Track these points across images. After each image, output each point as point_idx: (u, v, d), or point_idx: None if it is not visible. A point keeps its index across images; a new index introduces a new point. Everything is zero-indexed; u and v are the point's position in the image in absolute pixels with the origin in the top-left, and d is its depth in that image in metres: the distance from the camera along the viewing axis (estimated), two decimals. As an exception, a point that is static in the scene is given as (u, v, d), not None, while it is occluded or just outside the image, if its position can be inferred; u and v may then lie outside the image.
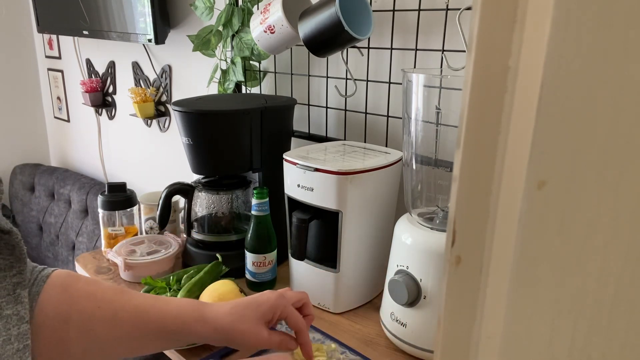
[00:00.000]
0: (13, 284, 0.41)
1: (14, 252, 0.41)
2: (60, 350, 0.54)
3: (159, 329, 0.56)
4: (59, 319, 0.54)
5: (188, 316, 0.57)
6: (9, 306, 0.40)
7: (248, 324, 0.58)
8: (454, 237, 0.22)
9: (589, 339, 0.22)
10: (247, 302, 0.60)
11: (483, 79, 0.20)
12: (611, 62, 0.18)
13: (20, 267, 0.42)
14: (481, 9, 0.19)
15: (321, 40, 0.89)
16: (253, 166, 1.02)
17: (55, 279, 0.56)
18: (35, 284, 0.54)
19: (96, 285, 0.58)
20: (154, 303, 0.58)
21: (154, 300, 0.59)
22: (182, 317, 0.57)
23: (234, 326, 0.57)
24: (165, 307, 0.58)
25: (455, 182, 0.22)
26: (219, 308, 0.59)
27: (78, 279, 0.58)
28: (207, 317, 0.58)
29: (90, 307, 0.55)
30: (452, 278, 0.23)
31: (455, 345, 0.23)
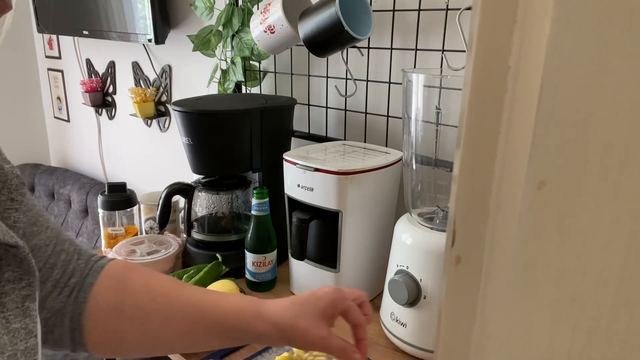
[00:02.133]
0: (22, 296, 0.40)
1: (22, 265, 0.41)
2: (115, 340, 0.54)
3: (216, 325, 0.55)
4: (114, 310, 0.53)
5: (246, 313, 0.55)
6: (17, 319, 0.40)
7: (308, 319, 0.54)
8: (454, 237, 0.22)
9: (589, 339, 0.22)
10: (305, 298, 0.57)
11: (483, 79, 0.20)
12: (611, 62, 0.18)
13: (29, 280, 0.41)
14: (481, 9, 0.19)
15: (321, 40, 0.89)
16: (253, 166, 1.02)
17: (110, 270, 0.55)
18: (90, 274, 0.54)
19: (152, 278, 0.57)
20: (210, 298, 0.56)
21: (210, 295, 0.57)
22: (239, 314, 0.55)
23: (294, 322, 0.54)
24: (222, 303, 0.55)
25: (455, 182, 0.22)
26: (276, 304, 0.56)
27: (134, 270, 0.57)
28: (265, 313, 0.55)
29: (146, 300, 0.54)
30: (452, 278, 0.23)
31: (455, 345, 0.23)
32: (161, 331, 0.54)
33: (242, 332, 0.55)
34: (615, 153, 0.19)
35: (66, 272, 0.53)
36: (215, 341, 0.57)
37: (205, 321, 0.54)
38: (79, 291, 0.53)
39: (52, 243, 0.52)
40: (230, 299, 0.57)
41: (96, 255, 0.57)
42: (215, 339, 0.56)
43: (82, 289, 0.53)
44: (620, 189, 0.20)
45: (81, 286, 0.53)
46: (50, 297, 0.51)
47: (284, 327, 0.54)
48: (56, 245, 0.52)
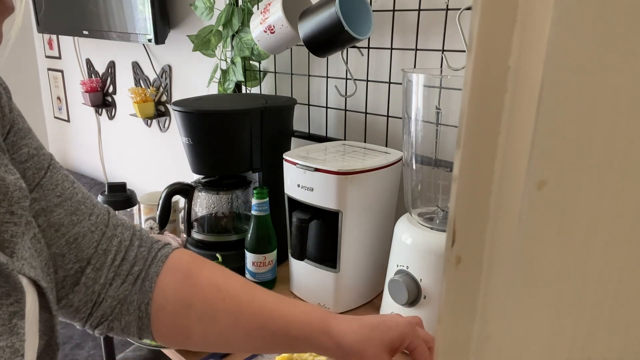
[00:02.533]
0: (9, 313, 0.39)
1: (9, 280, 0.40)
2: (181, 334, 0.54)
3: (282, 333, 0.54)
4: (181, 304, 0.53)
5: (314, 326, 0.54)
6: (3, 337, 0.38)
7: (374, 348, 0.53)
8: (454, 237, 0.22)
9: (589, 339, 0.22)
10: (375, 323, 0.56)
11: (483, 79, 0.20)
12: (611, 62, 0.18)
13: (17, 296, 0.40)
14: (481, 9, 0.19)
15: (321, 40, 0.89)
16: (253, 166, 1.02)
17: (176, 262, 0.55)
18: (154, 263, 0.53)
19: (222, 276, 0.56)
20: (279, 305, 0.55)
21: (279, 301, 0.56)
22: (307, 326, 0.54)
23: (361, 347, 0.53)
24: (291, 312, 0.54)
25: (455, 182, 0.22)
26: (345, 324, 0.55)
27: (202, 265, 0.56)
28: (333, 330, 0.54)
29: (215, 298, 0.54)
30: (452, 278, 0.23)
31: (455, 345, 0.23)
32: (229, 332, 0.54)
33: (307, 344, 0.54)
34: (615, 153, 0.19)
35: (127, 260, 0.53)
36: (281, 348, 0.57)
37: (273, 328, 0.54)
38: (143, 280, 0.53)
39: (99, 229, 0.52)
40: (300, 309, 0.56)
41: (158, 242, 0.57)
42: (281, 346, 0.56)
43: (147, 278, 0.53)
44: (620, 189, 0.20)
45: (146, 275, 0.53)
46: (113, 284, 0.51)
47: (349, 350, 0.53)
48: (106, 231, 0.52)
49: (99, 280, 0.51)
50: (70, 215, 0.50)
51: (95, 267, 0.51)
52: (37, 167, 0.48)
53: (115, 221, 0.54)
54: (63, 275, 0.49)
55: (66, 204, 0.49)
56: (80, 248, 0.50)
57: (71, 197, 0.50)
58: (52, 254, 0.48)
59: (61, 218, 0.49)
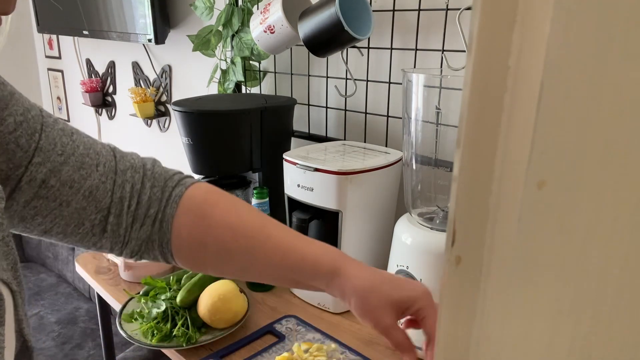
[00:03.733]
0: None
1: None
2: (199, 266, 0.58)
3: (293, 271, 0.55)
4: (196, 242, 0.55)
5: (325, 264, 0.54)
6: None
7: (379, 300, 0.51)
8: (454, 237, 0.22)
9: (589, 339, 0.22)
10: (388, 278, 0.54)
11: (483, 79, 0.20)
12: (611, 62, 0.18)
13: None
14: (481, 9, 0.19)
15: (321, 40, 0.89)
16: (253, 166, 1.02)
17: (190, 202, 0.56)
18: (169, 205, 0.55)
19: (235, 216, 0.56)
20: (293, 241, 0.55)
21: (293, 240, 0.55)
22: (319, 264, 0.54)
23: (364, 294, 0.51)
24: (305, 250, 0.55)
25: (455, 182, 0.22)
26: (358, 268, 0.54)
27: (215, 205, 0.56)
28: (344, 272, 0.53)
29: (228, 238, 0.55)
30: (452, 278, 0.23)
31: (455, 345, 0.23)
32: (243, 267, 0.57)
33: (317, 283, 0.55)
34: (616, 153, 0.19)
35: (141, 203, 0.54)
36: (291, 283, 0.60)
37: (285, 268, 0.55)
38: (161, 221, 0.55)
39: (110, 178, 0.53)
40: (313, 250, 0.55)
41: (171, 179, 0.58)
42: (291, 282, 0.58)
43: (164, 219, 0.55)
44: (620, 189, 0.20)
45: (163, 216, 0.55)
46: (133, 228, 0.54)
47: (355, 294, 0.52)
48: (116, 179, 0.53)
49: (121, 225, 0.53)
50: (78, 170, 0.50)
51: (115, 214, 0.53)
52: (30, 133, 0.48)
53: (123, 165, 0.55)
54: (90, 225, 0.52)
55: (71, 160, 0.50)
56: (97, 199, 0.51)
57: (73, 152, 0.51)
58: (75, 209, 0.50)
59: (71, 175, 0.50)
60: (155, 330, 0.82)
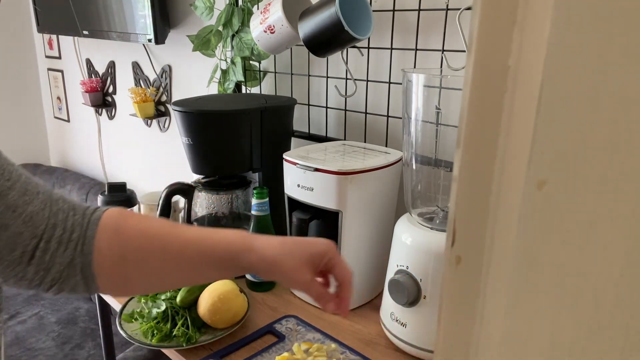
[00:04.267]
0: None
1: None
2: (122, 284, 0.59)
3: (209, 258, 0.59)
4: (116, 257, 0.58)
5: (236, 245, 0.59)
6: None
7: (294, 261, 0.58)
8: (454, 237, 0.22)
9: (589, 339, 0.22)
10: (297, 240, 0.61)
11: (483, 79, 0.20)
12: (611, 62, 0.18)
13: None
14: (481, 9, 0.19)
15: (321, 40, 0.89)
16: (253, 166, 1.02)
17: (107, 220, 0.59)
18: (89, 227, 0.58)
19: (146, 222, 0.61)
20: (203, 234, 0.61)
21: (202, 231, 0.62)
22: (230, 246, 0.59)
23: (282, 259, 0.58)
24: (214, 238, 0.60)
25: (455, 182, 0.22)
26: (267, 240, 0.60)
27: (128, 218, 0.61)
28: (256, 247, 0.59)
29: (144, 244, 0.59)
30: (452, 278, 0.23)
31: (455, 345, 0.23)
32: (162, 268, 0.59)
33: (234, 262, 0.59)
34: (615, 153, 0.19)
35: (67, 229, 0.57)
36: (213, 272, 0.62)
37: (200, 255, 0.59)
38: (83, 244, 0.57)
39: (48, 205, 0.56)
40: (223, 234, 0.61)
41: (90, 207, 0.61)
42: (213, 270, 0.61)
43: (85, 242, 0.57)
44: (620, 189, 0.20)
45: (84, 239, 0.57)
46: (58, 253, 0.56)
47: (272, 261, 0.58)
48: (52, 207, 0.57)
49: (48, 250, 0.55)
50: (22, 195, 0.54)
51: (45, 240, 0.55)
52: None
53: (56, 195, 0.59)
54: (21, 252, 0.54)
55: (17, 186, 0.54)
56: (35, 225, 0.54)
57: (18, 178, 0.54)
58: (12, 234, 0.53)
59: (15, 200, 0.53)
60: (155, 330, 0.82)
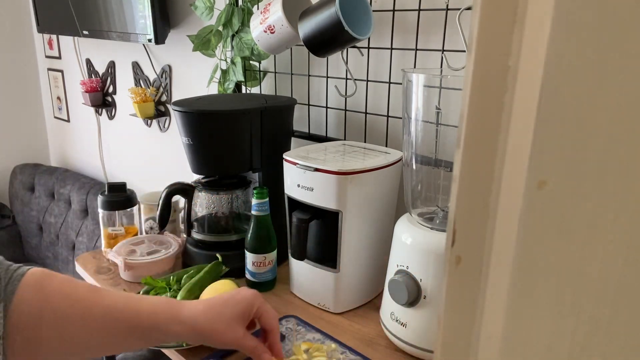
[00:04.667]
0: None
1: None
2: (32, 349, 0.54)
3: (132, 328, 0.56)
4: (33, 316, 0.54)
5: (162, 315, 0.57)
6: None
7: (225, 323, 0.58)
8: (454, 237, 0.22)
9: (589, 339, 0.22)
10: (224, 300, 0.61)
11: (483, 79, 0.20)
12: (611, 62, 0.18)
13: None
14: (481, 9, 0.19)
15: (321, 40, 0.89)
16: (253, 166, 1.02)
17: (30, 277, 0.56)
18: (10, 282, 0.54)
19: (70, 284, 0.58)
20: (127, 302, 0.58)
21: (127, 298, 0.59)
22: (156, 316, 0.57)
23: (211, 326, 0.57)
24: (138, 306, 0.57)
25: (455, 182, 0.22)
26: (195, 307, 0.59)
27: (52, 277, 0.57)
28: (183, 316, 0.57)
29: (64, 305, 0.55)
30: (452, 278, 0.23)
31: (455, 345, 0.23)
32: (80, 335, 0.55)
33: (160, 333, 0.57)
34: (615, 153, 0.19)
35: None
36: (137, 342, 0.59)
37: (123, 324, 0.56)
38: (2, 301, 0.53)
39: None
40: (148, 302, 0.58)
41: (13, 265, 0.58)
42: (137, 341, 0.58)
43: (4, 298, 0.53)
44: (620, 189, 0.20)
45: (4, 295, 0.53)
46: None
47: (202, 331, 0.57)
48: None
49: None
50: None
51: None
52: None
53: None
54: None
55: None
56: None
57: None
58: None
59: None
60: (155, 330, 0.83)
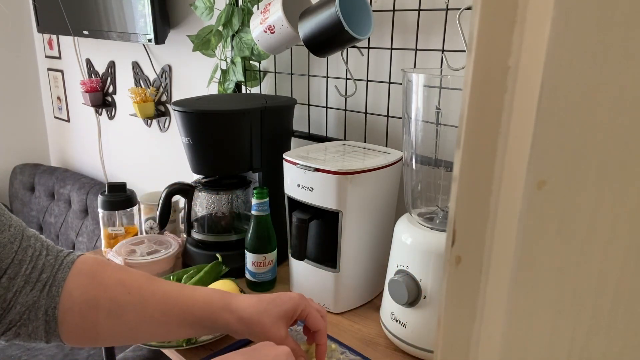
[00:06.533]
0: None
1: None
2: (89, 333, 0.57)
3: (187, 315, 0.59)
4: (88, 304, 0.56)
5: (215, 304, 0.60)
6: None
7: (270, 318, 0.60)
8: (454, 237, 0.22)
9: (589, 339, 0.22)
10: (271, 298, 0.63)
11: (483, 79, 0.20)
12: (611, 62, 0.18)
13: None
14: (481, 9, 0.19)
15: (321, 40, 0.89)
16: (253, 166, 1.02)
17: (82, 265, 0.58)
18: (61, 269, 0.56)
19: (125, 273, 0.60)
20: (182, 290, 0.61)
21: (181, 287, 0.61)
22: (209, 305, 0.60)
23: (257, 318, 0.60)
24: (193, 294, 0.60)
25: (455, 182, 0.22)
26: (244, 299, 0.62)
27: (106, 265, 0.59)
28: (233, 306, 0.60)
29: (120, 293, 0.57)
30: (452, 278, 0.23)
31: (455, 345, 0.23)
32: (136, 322, 0.58)
33: (211, 321, 0.60)
34: (615, 153, 0.19)
35: (36, 268, 0.55)
36: (188, 330, 0.61)
37: (177, 312, 0.58)
38: (51, 286, 0.55)
39: (17, 240, 0.54)
40: (202, 291, 0.61)
41: (64, 250, 0.60)
42: (188, 328, 0.60)
43: (54, 284, 0.55)
44: (620, 189, 0.20)
45: (53, 280, 0.55)
46: (23, 292, 0.53)
47: (249, 321, 0.59)
48: (22, 242, 0.55)
49: (11, 288, 0.53)
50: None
51: (10, 277, 0.53)
52: None
53: (28, 232, 0.57)
54: None
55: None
56: (1, 258, 0.52)
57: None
58: None
59: None
60: (155, 330, 0.83)
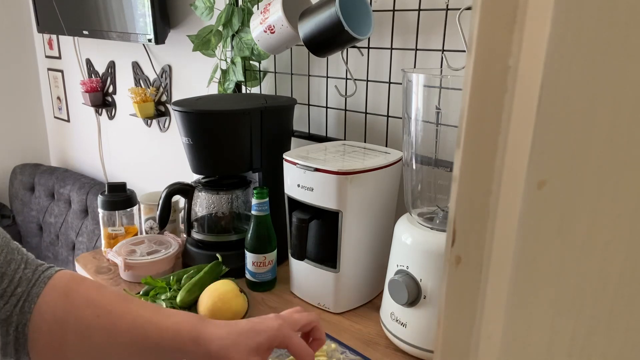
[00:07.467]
0: None
1: None
2: (57, 353, 0.54)
3: (155, 345, 0.55)
4: (57, 323, 0.53)
5: (184, 336, 0.56)
6: None
7: (239, 354, 0.56)
8: (454, 237, 0.22)
9: (589, 339, 0.22)
10: (246, 329, 0.58)
11: (483, 79, 0.20)
12: (611, 62, 0.18)
13: None
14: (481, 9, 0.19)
15: (321, 40, 0.89)
16: (253, 166, 1.02)
17: (57, 281, 0.56)
18: (37, 284, 0.54)
19: (98, 292, 0.57)
20: (152, 316, 0.57)
21: (153, 313, 0.57)
22: (178, 336, 0.56)
23: (224, 353, 0.56)
24: (163, 323, 0.56)
25: (455, 182, 0.22)
26: (214, 330, 0.57)
27: (80, 283, 0.57)
28: (201, 338, 0.56)
29: (89, 314, 0.55)
30: (452, 278, 0.23)
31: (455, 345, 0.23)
32: (103, 347, 0.55)
33: (180, 354, 0.56)
34: (616, 153, 0.19)
35: (13, 281, 0.53)
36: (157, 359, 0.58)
37: (145, 341, 0.55)
38: (24, 301, 0.53)
39: (4, 252, 0.53)
40: (174, 319, 0.57)
41: (44, 264, 0.58)
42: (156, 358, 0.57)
43: (27, 299, 0.53)
44: (620, 189, 0.20)
45: (27, 296, 0.53)
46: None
47: (216, 355, 0.55)
48: (7, 254, 0.53)
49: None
50: None
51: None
52: None
53: (14, 244, 0.55)
54: None
55: None
56: None
57: None
58: None
59: None
60: (155, 330, 0.82)
